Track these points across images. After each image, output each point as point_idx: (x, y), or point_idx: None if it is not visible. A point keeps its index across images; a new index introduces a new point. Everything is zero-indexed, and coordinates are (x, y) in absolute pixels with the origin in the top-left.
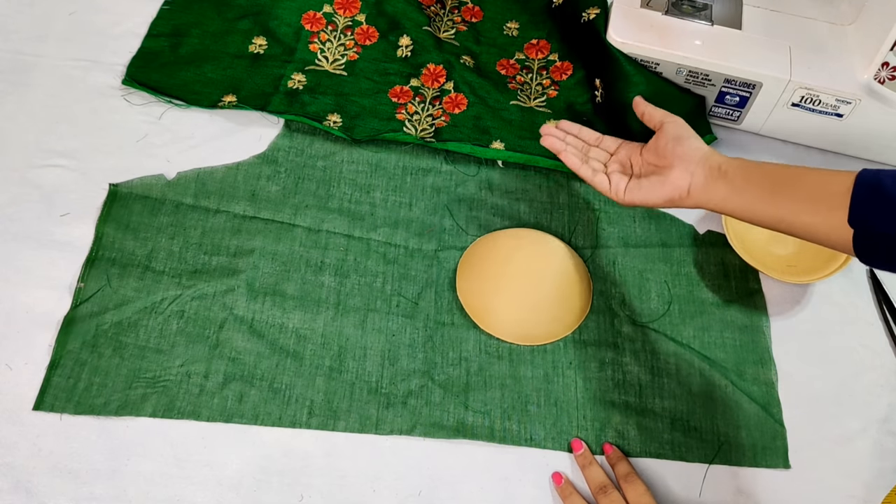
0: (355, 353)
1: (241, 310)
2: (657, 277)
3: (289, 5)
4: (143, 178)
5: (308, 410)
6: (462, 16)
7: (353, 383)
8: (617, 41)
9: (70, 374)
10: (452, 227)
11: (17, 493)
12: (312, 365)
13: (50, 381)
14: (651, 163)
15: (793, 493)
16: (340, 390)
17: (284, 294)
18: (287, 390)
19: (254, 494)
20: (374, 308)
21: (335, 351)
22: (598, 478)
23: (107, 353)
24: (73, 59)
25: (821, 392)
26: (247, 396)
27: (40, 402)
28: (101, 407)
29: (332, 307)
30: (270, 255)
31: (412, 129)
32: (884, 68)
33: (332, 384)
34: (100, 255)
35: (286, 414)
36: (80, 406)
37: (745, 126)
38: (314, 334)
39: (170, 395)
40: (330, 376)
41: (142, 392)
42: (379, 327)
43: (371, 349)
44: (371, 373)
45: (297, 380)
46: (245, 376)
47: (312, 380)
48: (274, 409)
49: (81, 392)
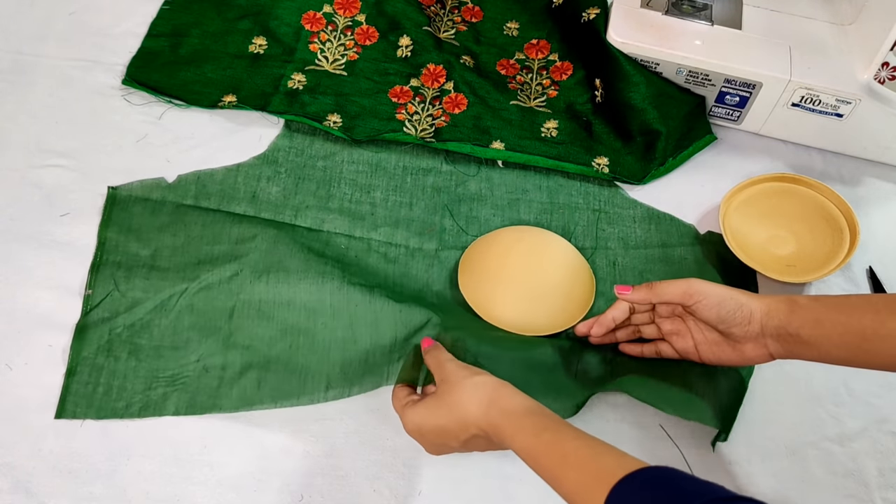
0: (366, 319)
1: (247, 293)
2: (657, 278)
3: (289, 5)
4: (143, 180)
5: (326, 385)
6: (462, 16)
7: (367, 350)
8: (617, 41)
9: (88, 381)
10: (453, 227)
11: (17, 493)
12: (325, 339)
13: (69, 388)
14: (712, 333)
15: (793, 493)
16: (356, 360)
17: (288, 269)
18: (303, 370)
19: (254, 494)
20: (380, 285)
21: (346, 320)
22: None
23: (123, 356)
24: (73, 59)
25: (821, 392)
26: (264, 381)
27: (62, 410)
28: (122, 410)
29: (339, 277)
30: (272, 239)
31: (412, 129)
32: (884, 68)
33: (348, 355)
34: (104, 260)
35: (304, 392)
36: (102, 411)
37: (745, 126)
38: (323, 306)
39: (190, 391)
40: (344, 348)
41: (162, 391)
42: (387, 296)
43: (382, 312)
44: (385, 334)
45: (312, 357)
46: (261, 362)
47: (327, 354)
48: (292, 390)
49: (101, 397)
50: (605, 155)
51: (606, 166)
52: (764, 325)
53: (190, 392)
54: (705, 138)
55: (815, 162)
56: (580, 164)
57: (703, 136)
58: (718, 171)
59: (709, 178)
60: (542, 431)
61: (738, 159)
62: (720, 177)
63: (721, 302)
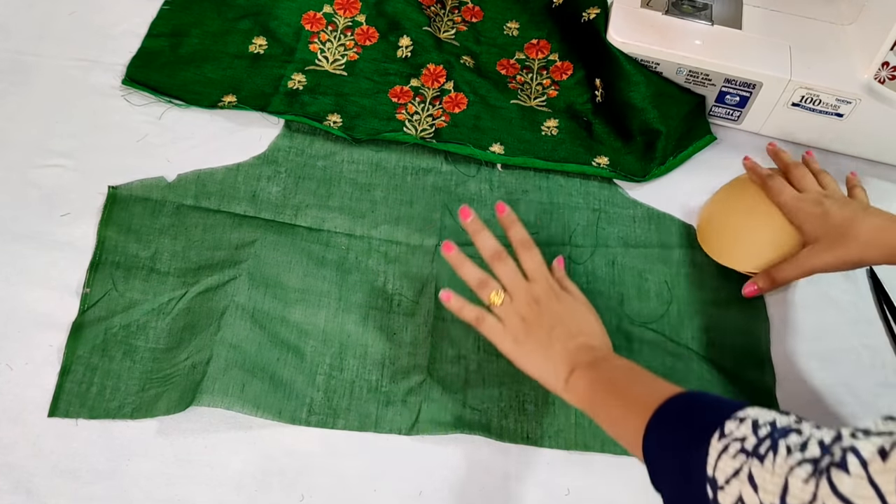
0: (356, 351)
1: (242, 298)
2: (657, 278)
3: (289, 5)
4: (143, 180)
5: (308, 408)
6: (462, 16)
7: (353, 382)
8: (617, 41)
9: (82, 380)
10: (453, 226)
11: (17, 494)
12: (313, 362)
13: (63, 387)
14: None
15: None
16: (340, 389)
17: (286, 287)
18: (287, 386)
19: (254, 494)
20: (376, 306)
21: (336, 349)
22: (491, 245)
23: (117, 356)
24: (73, 59)
25: (821, 392)
26: (249, 385)
27: (55, 408)
28: (115, 410)
29: (335, 302)
30: (272, 244)
31: (412, 129)
32: (884, 68)
33: (333, 382)
34: (103, 260)
35: (286, 409)
36: (95, 410)
37: (746, 126)
38: (316, 329)
39: (179, 389)
40: (330, 375)
41: (154, 392)
42: (380, 325)
43: (372, 347)
44: (371, 370)
45: (298, 376)
46: (246, 365)
47: (313, 377)
48: (274, 402)
49: (95, 396)
50: (605, 154)
51: (607, 166)
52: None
53: (179, 391)
54: (705, 138)
55: None
56: (580, 164)
57: (703, 137)
58: (718, 171)
59: (709, 178)
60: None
61: (738, 159)
62: (720, 177)
63: (838, 268)
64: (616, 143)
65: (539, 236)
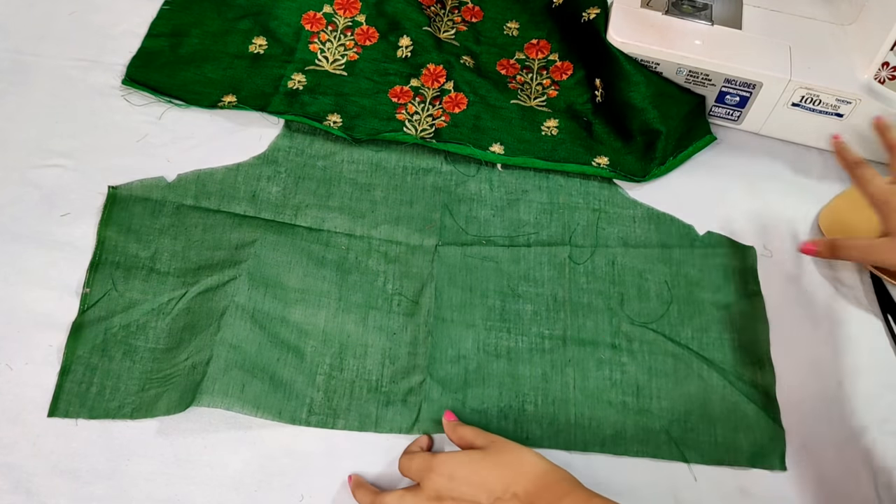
0: (356, 352)
1: (242, 298)
2: (656, 278)
3: (289, 5)
4: (143, 180)
5: (308, 408)
6: (462, 16)
7: (353, 382)
8: (617, 41)
9: (82, 380)
10: (453, 226)
11: (17, 494)
12: (313, 362)
13: (62, 387)
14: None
15: (792, 493)
16: (340, 389)
17: (286, 288)
18: (287, 386)
19: (254, 494)
20: (376, 307)
21: (336, 349)
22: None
23: (117, 356)
24: (73, 59)
25: (820, 392)
26: (249, 386)
27: (54, 408)
28: (115, 410)
29: (335, 302)
30: (272, 244)
31: (412, 129)
32: (884, 68)
33: (333, 383)
34: (103, 260)
35: (286, 409)
36: (95, 410)
37: (746, 126)
38: (315, 330)
39: (179, 389)
40: (330, 375)
41: (154, 392)
42: (380, 325)
43: (372, 347)
44: (371, 370)
45: (298, 376)
46: (246, 365)
47: (313, 377)
48: (274, 402)
49: (95, 396)
50: (605, 154)
51: (607, 166)
52: None
53: (179, 391)
54: (705, 138)
55: (815, 162)
56: (580, 164)
57: (703, 137)
58: (718, 171)
59: (709, 178)
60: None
61: (738, 159)
62: (720, 177)
63: None
64: (616, 143)
65: (539, 236)
